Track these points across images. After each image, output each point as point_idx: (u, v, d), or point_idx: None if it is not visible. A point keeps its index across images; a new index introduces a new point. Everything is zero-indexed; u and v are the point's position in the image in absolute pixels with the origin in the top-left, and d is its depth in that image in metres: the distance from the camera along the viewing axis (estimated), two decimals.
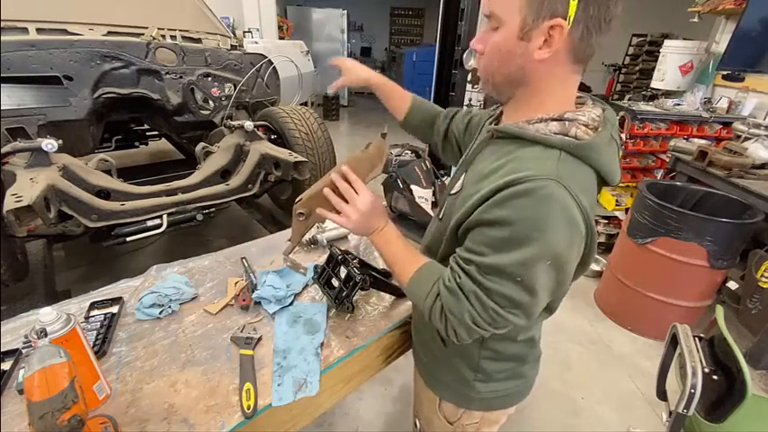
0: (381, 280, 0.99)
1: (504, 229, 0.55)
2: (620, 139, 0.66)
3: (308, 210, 0.78)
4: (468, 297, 0.59)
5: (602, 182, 0.62)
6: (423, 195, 1.48)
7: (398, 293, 1.05)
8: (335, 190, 0.74)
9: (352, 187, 0.73)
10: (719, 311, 1.13)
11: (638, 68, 6.47)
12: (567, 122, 0.59)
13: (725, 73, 3.11)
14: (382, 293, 1.06)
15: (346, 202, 0.73)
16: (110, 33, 2.14)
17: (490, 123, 0.74)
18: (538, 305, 0.59)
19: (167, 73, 2.22)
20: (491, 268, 0.57)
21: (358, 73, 1.01)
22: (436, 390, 0.86)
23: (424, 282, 0.68)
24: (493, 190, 0.57)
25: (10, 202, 1.36)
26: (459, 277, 0.61)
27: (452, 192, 0.72)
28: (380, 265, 1.11)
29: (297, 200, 0.79)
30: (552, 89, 0.61)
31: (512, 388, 0.82)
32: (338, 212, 0.74)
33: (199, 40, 2.54)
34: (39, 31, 1.94)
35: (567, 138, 0.58)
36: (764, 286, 1.96)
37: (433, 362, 0.85)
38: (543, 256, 0.54)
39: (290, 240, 0.86)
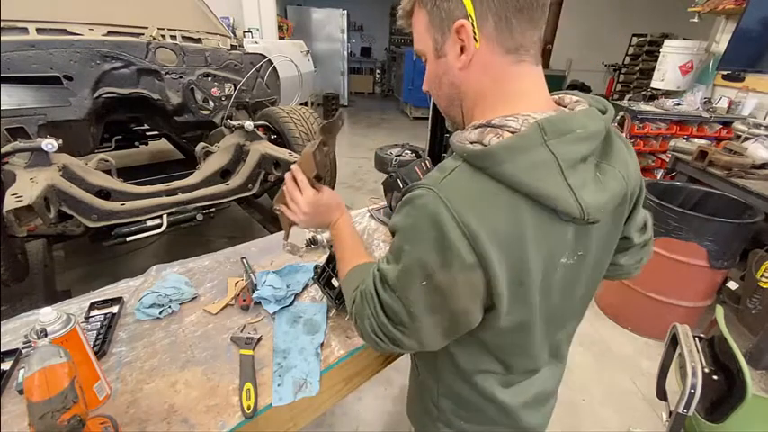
0: None
1: (395, 237, 0.54)
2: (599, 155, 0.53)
3: (282, 207, 0.85)
4: (368, 303, 0.57)
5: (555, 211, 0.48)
6: None
7: None
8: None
9: (298, 187, 0.79)
10: (719, 311, 1.13)
11: (638, 68, 6.47)
12: (488, 129, 0.50)
13: (725, 73, 3.12)
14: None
15: None
16: (110, 33, 2.14)
17: None
18: (421, 331, 0.53)
19: (167, 73, 2.22)
20: (384, 276, 0.55)
21: None
22: (410, 418, 0.84)
23: (351, 283, 0.68)
24: None
25: (10, 202, 1.36)
26: (369, 283, 0.58)
27: None
28: None
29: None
30: (494, 91, 0.53)
31: None
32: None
33: (199, 40, 2.54)
34: (39, 31, 1.94)
35: (466, 146, 0.50)
36: (764, 286, 1.96)
37: (412, 387, 0.83)
38: (414, 272, 0.49)
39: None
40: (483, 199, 0.47)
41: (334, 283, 0.98)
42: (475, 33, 0.49)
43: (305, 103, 4.15)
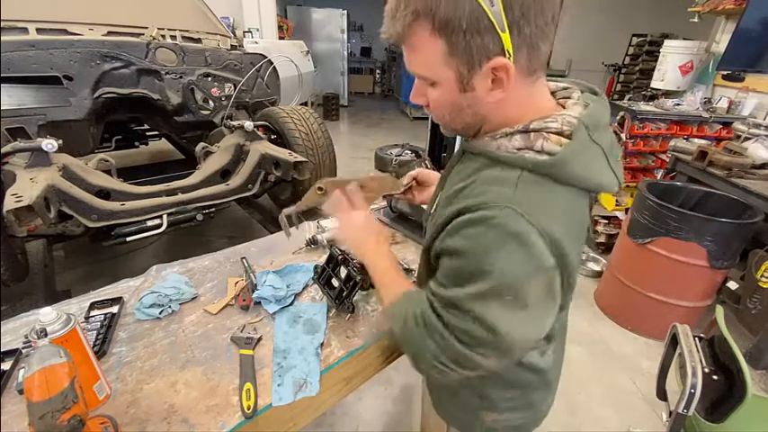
0: None
1: (457, 260, 0.52)
2: (616, 138, 0.63)
3: (327, 188, 0.85)
4: (430, 331, 0.55)
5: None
6: None
7: None
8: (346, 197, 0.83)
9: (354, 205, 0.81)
10: (719, 311, 1.12)
11: (638, 68, 6.47)
12: (532, 134, 0.52)
13: (725, 73, 3.12)
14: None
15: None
16: (110, 33, 2.14)
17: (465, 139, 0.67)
18: (505, 344, 0.52)
19: (167, 73, 2.22)
20: (449, 301, 0.53)
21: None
22: (443, 414, 0.84)
23: (399, 309, 0.64)
24: (449, 216, 0.53)
25: (10, 202, 1.36)
26: (425, 310, 0.57)
27: (430, 213, 0.70)
28: None
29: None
30: (512, 109, 0.55)
31: (519, 419, 0.76)
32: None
33: (199, 40, 2.54)
34: (39, 31, 1.94)
35: (527, 156, 0.52)
36: (764, 286, 1.96)
37: (439, 386, 0.83)
38: (499, 291, 0.49)
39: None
40: (554, 202, 0.51)
41: (335, 283, 0.98)
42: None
43: (305, 103, 4.15)
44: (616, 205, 3.28)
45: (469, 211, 0.50)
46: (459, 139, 0.75)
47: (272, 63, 2.77)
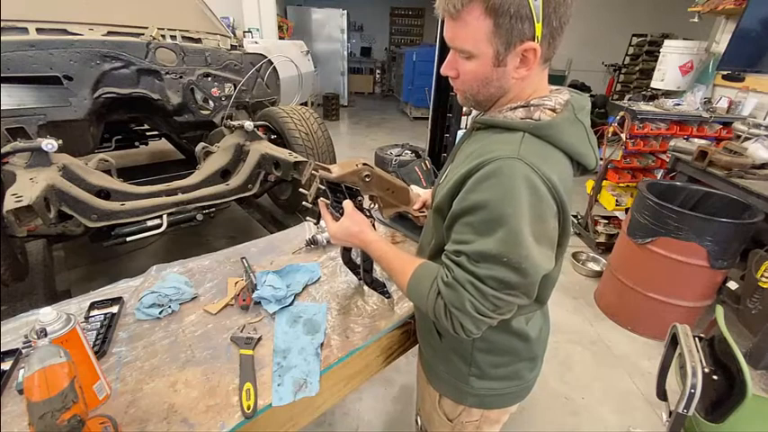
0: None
1: (480, 213, 0.58)
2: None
3: (373, 177, 0.87)
4: (466, 287, 0.60)
5: (581, 167, 0.67)
6: None
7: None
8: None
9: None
10: (719, 311, 1.12)
11: (638, 68, 6.47)
12: (531, 107, 0.64)
13: (725, 73, 3.11)
14: (382, 296, 1.06)
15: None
16: (110, 33, 2.13)
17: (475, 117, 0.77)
18: (530, 279, 0.60)
19: (167, 73, 2.22)
20: (479, 254, 0.59)
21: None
22: (435, 385, 0.87)
23: (423, 281, 0.68)
24: (463, 175, 0.61)
25: (10, 202, 1.36)
26: (453, 270, 0.62)
27: (440, 182, 0.76)
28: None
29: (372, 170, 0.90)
30: (527, 88, 0.66)
31: (507, 388, 0.81)
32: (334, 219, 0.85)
33: (199, 40, 2.54)
34: (39, 31, 1.94)
35: (528, 120, 0.63)
36: (764, 286, 1.95)
37: (432, 356, 0.86)
38: (522, 229, 0.56)
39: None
40: (551, 158, 0.61)
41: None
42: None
43: (305, 103, 4.14)
44: (616, 205, 3.28)
45: (482, 167, 0.58)
46: (459, 138, 0.78)
47: (272, 63, 2.77)
